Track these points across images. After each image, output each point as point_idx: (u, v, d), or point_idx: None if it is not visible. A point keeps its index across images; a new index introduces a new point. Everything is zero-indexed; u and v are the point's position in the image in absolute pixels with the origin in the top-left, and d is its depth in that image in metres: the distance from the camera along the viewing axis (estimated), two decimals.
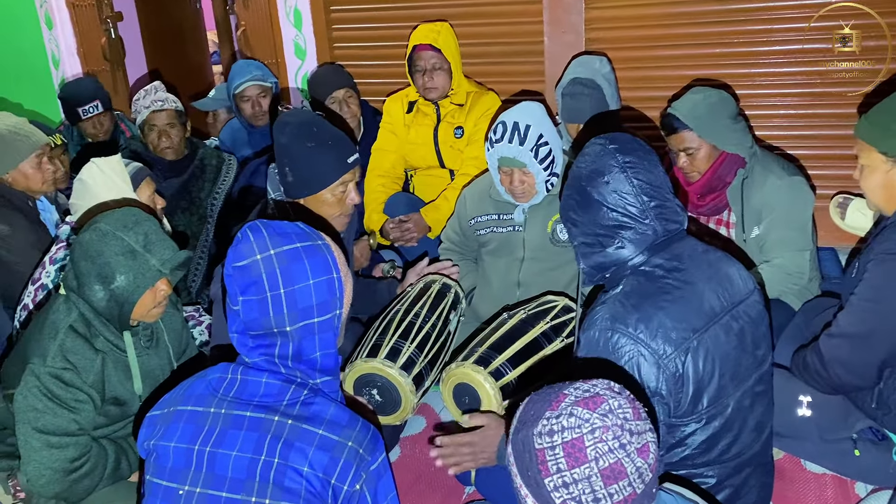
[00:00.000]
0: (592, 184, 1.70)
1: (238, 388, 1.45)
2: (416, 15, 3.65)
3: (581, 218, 1.73)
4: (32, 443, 1.90)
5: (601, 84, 2.86)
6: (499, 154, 2.43)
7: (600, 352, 1.63)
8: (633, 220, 1.68)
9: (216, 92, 4.01)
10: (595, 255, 1.73)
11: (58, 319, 1.95)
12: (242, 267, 1.42)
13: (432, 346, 2.20)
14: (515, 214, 2.55)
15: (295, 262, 1.42)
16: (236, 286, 1.43)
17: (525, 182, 2.45)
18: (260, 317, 1.42)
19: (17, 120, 2.87)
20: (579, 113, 2.87)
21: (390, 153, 3.37)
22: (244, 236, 1.44)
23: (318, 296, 1.43)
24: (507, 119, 2.41)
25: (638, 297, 1.65)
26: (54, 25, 4.53)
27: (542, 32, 3.50)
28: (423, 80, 3.18)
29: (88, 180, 2.39)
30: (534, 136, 2.37)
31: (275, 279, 1.41)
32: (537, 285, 2.57)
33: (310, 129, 2.15)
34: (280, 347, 1.43)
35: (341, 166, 2.17)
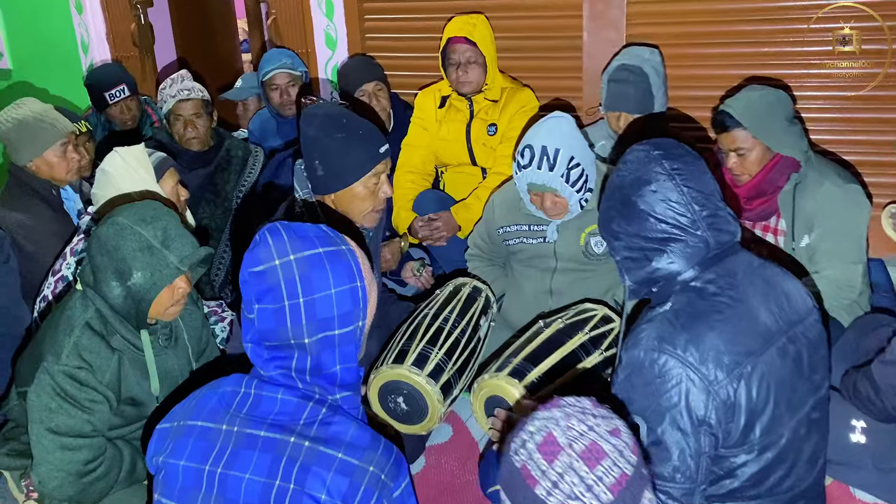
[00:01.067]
0: (637, 193, 1.59)
1: (252, 403, 1.35)
2: (450, 6, 3.54)
3: (625, 230, 1.62)
4: (45, 444, 1.82)
5: (648, 73, 2.76)
6: (528, 180, 2.31)
7: (645, 374, 1.52)
8: (683, 232, 1.56)
9: (243, 81, 3.93)
10: (640, 270, 1.62)
11: (73, 316, 1.87)
12: (259, 273, 1.32)
13: (461, 353, 2.10)
14: (548, 232, 2.43)
15: (316, 268, 1.32)
16: (252, 293, 1.33)
17: (558, 203, 2.34)
18: (276, 327, 1.32)
19: (42, 106, 2.82)
20: (623, 99, 2.77)
21: (420, 149, 3.27)
22: (262, 239, 1.34)
23: (339, 306, 1.33)
24: (534, 143, 2.28)
25: (688, 317, 1.53)
26: (84, 10, 4.48)
27: (582, 27, 3.37)
28: (456, 74, 3.07)
29: (110, 170, 2.32)
30: (564, 160, 2.25)
31: (294, 287, 1.30)
32: (571, 294, 2.46)
33: (339, 120, 2.06)
34: (297, 360, 1.33)
35: (373, 156, 2.08)
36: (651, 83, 2.76)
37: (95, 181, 2.38)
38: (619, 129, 2.83)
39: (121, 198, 2.19)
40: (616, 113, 2.81)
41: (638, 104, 2.77)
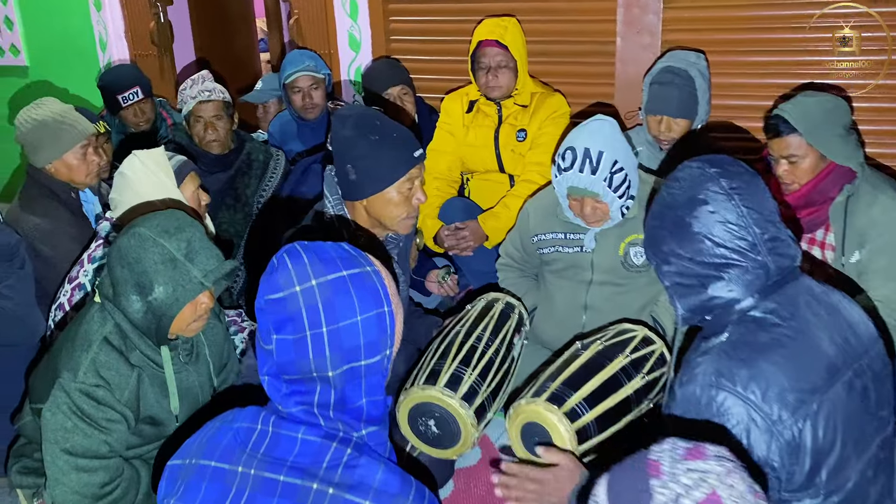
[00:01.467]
0: (692, 213, 1.48)
1: (270, 443, 1.22)
2: (479, 9, 3.45)
3: (677, 253, 1.51)
4: (60, 465, 1.74)
5: (694, 76, 2.66)
6: (569, 183, 2.20)
7: (701, 412, 1.41)
8: (742, 257, 1.46)
9: (263, 83, 3.84)
10: (694, 297, 1.51)
11: (91, 330, 1.78)
12: (278, 300, 1.19)
13: (495, 375, 2.00)
14: (586, 240, 2.33)
15: (340, 294, 1.19)
16: (270, 322, 1.21)
17: (598, 209, 2.24)
18: (297, 359, 1.19)
19: (63, 107, 2.74)
20: (666, 102, 2.67)
21: (447, 155, 3.17)
22: (281, 263, 1.22)
23: (366, 335, 1.21)
24: (576, 145, 2.17)
25: (748, 350, 1.42)
26: (103, 7, 4.41)
27: (615, 32, 3.27)
28: (486, 78, 2.97)
29: (129, 174, 2.23)
30: (607, 164, 2.14)
31: (316, 315, 1.18)
32: (606, 310, 2.35)
33: (372, 122, 1.98)
34: (320, 395, 1.21)
35: (408, 160, 1.99)
36: (696, 87, 2.67)
37: (114, 185, 2.29)
38: (659, 134, 2.73)
39: (143, 205, 2.10)
40: (658, 117, 2.71)
41: (681, 108, 2.67)
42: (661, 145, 2.76)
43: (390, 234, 2.10)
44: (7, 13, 4.71)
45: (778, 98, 2.65)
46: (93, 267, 2.28)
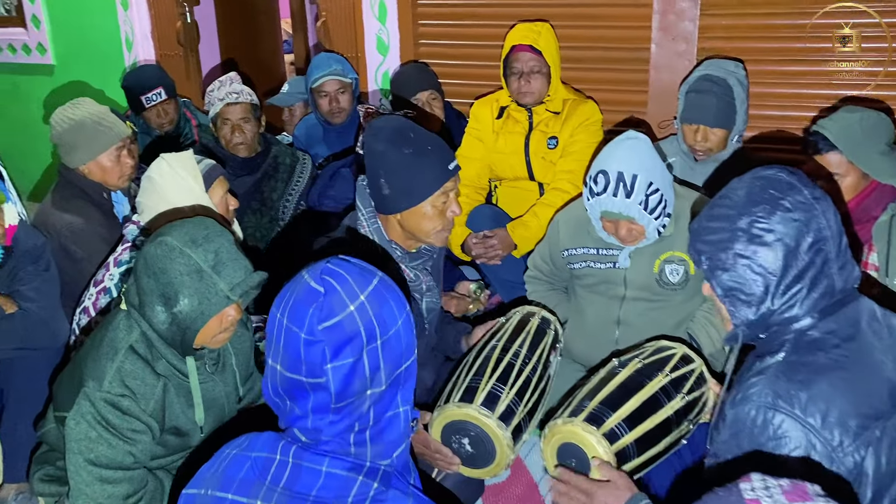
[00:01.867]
0: (770, 219, 1.40)
1: (290, 475, 1.16)
2: (510, 13, 3.39)
3: (741, 260, 1.42)
4: (83, 475, 1.70)
5: (733, 85, 2.59)
6: (602, 207, 2.13)
7: (756, 435, 1.34)
8: (813, 272, 1.39)
9: (290, 86, 3.80)
10: (751, 310, 1.44)
11: (117, 338, 1.74)
12: (335, 325, 1.14)
13: (532, 393, 1.93)
14: (620, 258, 2.26)
15: (383, 303, 1.20)
16: (322, 352, 1.15)
17: (633, 230, 2.17)
18: (354, 381, 1.15)
19: (100, 108, 2.73)
20: (703, 111, 2.60)
21: (475, 161, 3.11)
22: (328, 287, 1.17)
23: (406, 337, 1.22)
24: (608, 168, 2.09)
25: (808, 372, 1.35)
26: (130, 6, 4.39)
27: (650, 39, 3.20)
28: (518, 84, 2.91)
29: (157, 178, 2.19)
30: (642, 187, 2.06)
31: (372, 330, 1.16)
32: (640, 325, 2.28)
33: (406, 134, 1.92)
34: (361, 418, 1.17)
35: (443, 173, 1.94)
36: (735, 96, 2.59)
37: (141, 189, 2.25)
38: (695, 144, 2.66)
39: (172, 212, 2.05)
40: (694, 126, 2.64)
41: (719, 117, 2.60)
42: (696, 155, 2.69)
43: (424, 246, 2.05)
44: (35, 11, 4.71)
45: (819, 112, 2.57)
46: (119, 271, 2.24)
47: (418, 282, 2.07)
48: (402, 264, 2.03)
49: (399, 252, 2.01)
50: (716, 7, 3.08)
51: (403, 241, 2.01)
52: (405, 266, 2.03)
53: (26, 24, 4.77)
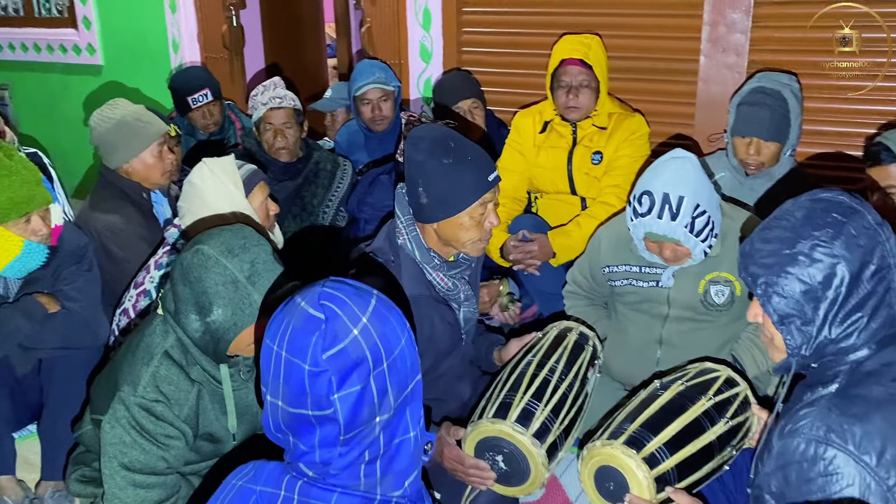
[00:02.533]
0: (833, 243, 1.34)
1: None
2: (556, 22, 3.36)
3: (800, 286, 1.35)
4: (117, 479, 1.70)
5: (787, 98, 2.51)
6: (646, 229, 2.07)
7: (805, 469, 1.28)
8: (876, 300, 1.33)
9: (333, 91, 3.81)
10: (806, 337, 1.38)
11: (153, 343, 1.74)
12: (339, 352, 1.09)
13: (569, 411, 1.88)
14: (664, 278, 2.21)
15: (385, 323, 1.15)
16: (328, 382, 1.09)
17: (678, 251, 2.11)
18: (364, 409, 1.10)
19: (137, 107, 2.76)
20: (755, 124, 2.52)
21: (514, 174, 3.06)
22: (328, 312, 1.11)
23: (410, 355, 1.17)
24: (653, 189, 2.03)
25: (863, 405, 1.29)
26: (177, 9, 4.44)
27: (699, 50, 3.13)
28: (566, 98, 2.85)
29: (198, 182, 2.20)
30: (689, 209, 2.00)
31: (378, 352, 1.11)
32: (683, 345, 2.23)
33: (446, 144, 1.89)
34: (371, 446, 1.12)
35: (481, 185, 1.91)
36: (790, 109, 2.51)
37: (182, 194, 2.26)
38: (747, 158, 2.57)
39: (212, 218, 2.05)
40: (747, 139, 2.55)
41: (773, 130, 2.51)
42: (747, 170, 2.60)
43: (462, 255, 2.02)
44: (86, 13, 4.79)
45: (878, 129, 2.48)
46: (158, 274, 2.25)
47: (456, 291, 2.04)
48: (440, 273, 2.00)
49: (437, 260, 1.99)
50: (769, 19, 3.00)
51: (440, 249, 1.99)
52: (443, 275, 2.01)
53: (77, 26, 4.86)
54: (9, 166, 2.12)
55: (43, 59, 5.10)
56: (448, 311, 2.05)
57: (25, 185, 2.15)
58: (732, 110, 2.60)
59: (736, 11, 3.02)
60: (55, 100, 5.12)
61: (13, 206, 2.13)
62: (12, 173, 2.12)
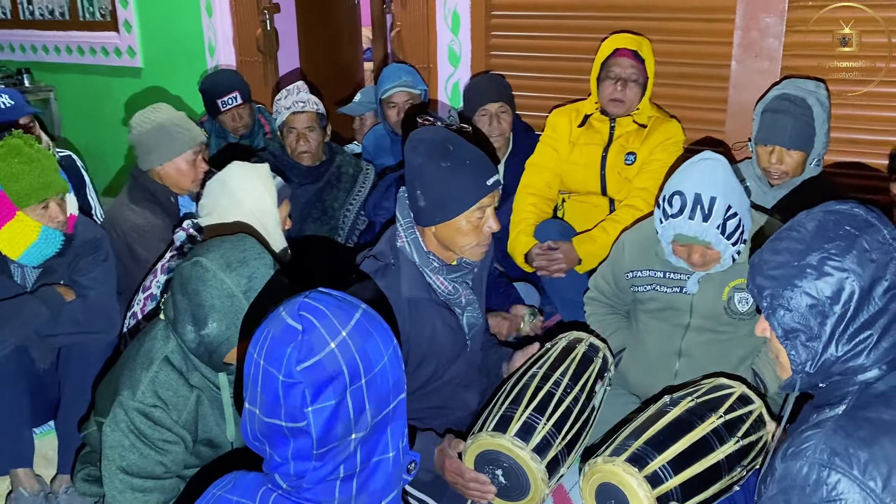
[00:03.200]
0: (844, 258, 1.28)
1: None
2: (584, 26, 3.32)
3: (808, 300, 1.30)
4: (115, 483, 1.71)
5: (812, 105, 2.42)
6: (676, 230, 2.01)
7: (807, 494, 1.22)
8: (886, 318, 1.26)
9: (362, 96, 3.81)
10: (813, 355, 1.31)
11: (154, 348, 1.74)
12: (314, 365, 1.07)
13: (572, 426, 1.84)
14: (689, 284, 2.14)
15: (367, 338, 1.12)
16: (302, 394, 1.07)
17: (707, 255, 2.04)
18: (338, 425, 1.08)
19: (178, 113, 2.80)
20: (779, 131, 2.44)
21: (546, 170, 3.02)
22: (306, 324, 1.09)
23: (393, 373, 1.14)
24: (685, 190, 1.97)
25: (870, 429, 1.23)
26: (214, 13, 4.50)
27: (731, 55, 3.05)
28: (612, 89, 2.80)
29: (230, 181, 2.22)
30: (720, 210, 1.94)
31: (356, 368, 1.09)
32: (702, 358, 2.16)
33: (444, 147, 1.87)
34: (347, 462, 1.10)
35: (479, 190, 1.87)
36: (815, 117, 2.42)
37: (208, 191, 2.27)
38: (769, 167, 2.49)
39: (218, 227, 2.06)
40: (769, 147, 2.47)
41: (796, 138, 2.43)
42: (770, 179, 2.51)
43: (464, 259, 1.99)
44: (127, 16, 4.89)
45: None
46: (164, 278, 2.27)
47: (457, 295, 2.01)
48: (440, 276, 1.98)
49: (437, 264, 1.96)
50: (803, 23, 2.91)
51: (441, 252, 1.96)
52: (443, 278, 1.98)
53: (118, 29, 4.96)
54: (29, 154, 2.19)
55: (86, 61, 5.22)
56: (450, 316, 2.02)
57: (45, 172, 2.21)
58: (756, 118, 2.52)
59: (769, 15, 2.93)
60: (97, 101, 5.23)
61: (32, 192, 2.20)
62: (32, 161, 2.19)
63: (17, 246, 2.24)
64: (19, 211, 2.21)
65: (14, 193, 2.19)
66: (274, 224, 2.26)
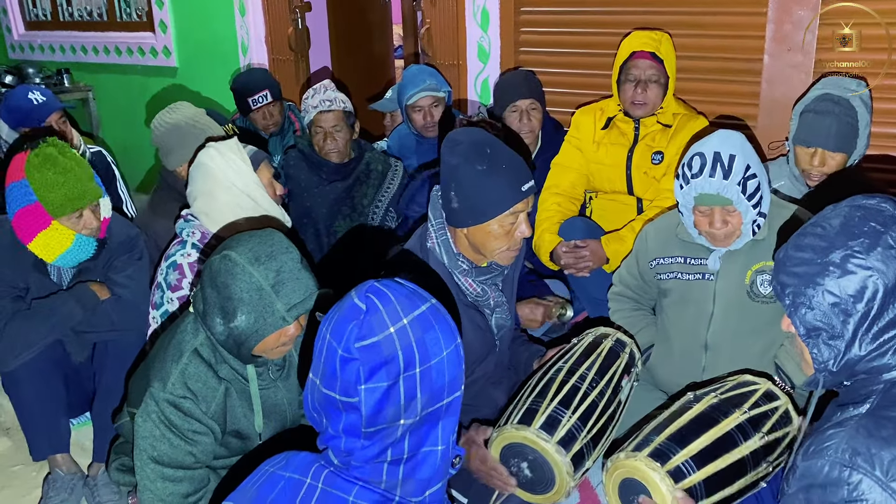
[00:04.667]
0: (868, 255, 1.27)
1: (318, 501, 1.14)
2: (614, 21, 3.29)
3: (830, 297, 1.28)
4: (147, 472, 1.75)
5: (857, 106, 2.37)
6: (698, 190, 2.01)
7: (828, 493, 1.22)
8: None
9: (393, 92, 3.82)
10: (836, 354, 1.31)
11: (183, 340, 1.78)
12: (372, 345, 1.12)
13: (598, 419, 1.84)
14: (710, 261, 2.13)
15: (428, 330, 1.15)
16: (358, 371, 1.12)
17: (729, 223, 2.03)
18: (387, 407, 1.12)
19: (195, 111, 2.84)
20: (821, 133, 2.39)
21: (572, 171, 3.01)
22: (370, 305, 1.14)
23: (450, 370, 1.17)
24: (704, 150, 2.00)
25: (894, 429, 1.22)
26: (246, 12, 4.56)
27: (763, 49, 3.00)
28: (633, 92, 2.79)
29: (208, 161, 2.26)
30: (740, 168, 1.95)
31: (411, 356, 1.12)
32: (729, 351, 2.14)
33: (482, 149, 1.86)
34: (395, 447, 1.14)
35: (514, 195, 1.87)
36: (859, 119, 2.37)
37: (191, 178, 2.32)
38: (811, 168, 2.45)
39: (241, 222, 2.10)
40: (811, 149, 2.43)
41: (840, 140, 2.38)
42: (808, 181, 2.47)
43: (493, 262, 2.00)
44: (162, 17, 4.98)
45: None
46: (165, 265, 2.32)
47: (485, 297, 2.02)
48: (469, 278, 1.99)
49: (466, 265, 1.97)
50: (837, 16, 2.86)
51: (471, 254, 1.97)
52: (472, 280, 1.99)
53: (154, 29, 5.06)
54: (63, 164, 2.23)
55: (123, 61, 5.33)
56: (479, 317, 2.03)
57: (79, 182, 2.25)
58: (795, 118, 2.47)
59: (803, 8, 2.89)
60: (134, 100, 5.34)
61: (68, 202, 2.24)
62: (67, 171, 2.22)
63: (52, 251, 2.29)
64: (54, 220, 2.25)
65: (49, 203, 2.22)
66: (261, 191, 2.31)
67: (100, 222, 2.37)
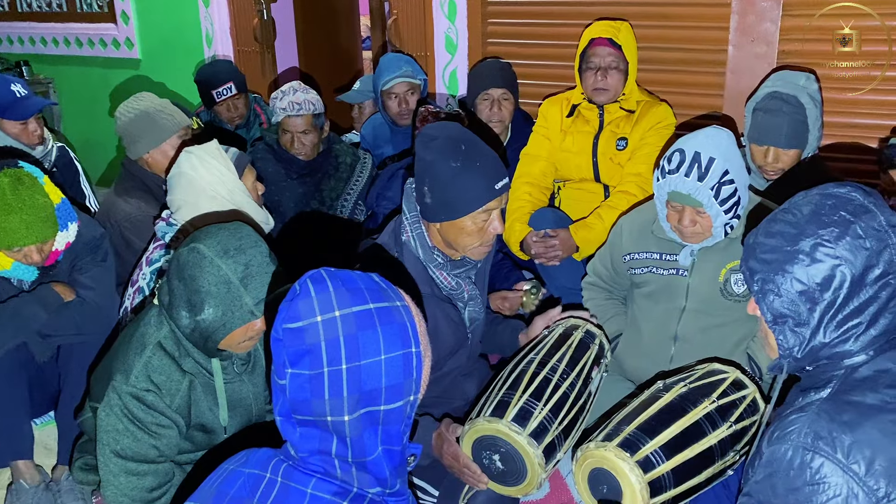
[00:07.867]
0: (838, 243, 1.27)
1: (277, 495, 1.11)
2: (581, 12, 3.31)
3: (797, 285, 1.29)
4: (111, 467, 1.73)
5: (805, 103, 2.40)
6: (671, 187, 2.01)
7: (792, 477, 1.23)
8: (877, 305, 1.26)
9: (361, 84, 3.80)
10: (801, 340, 1.32)
11: (147, 333, 1.76)
12: (296, 330, 1.07)
13: (569, 411, 1.84)
14: (681, 256, 2.14)
15: (365, 329, 1.08)
16: (285, 353, 1.09)
17: (698, 223, 2.05)
18: (311, 398, 1.08)
19: (161, 100, 2.80)
20: (771, 132, 2.43)
21: (541, 160, 3.02)
22: (304, 290, 1.10)
23: (389, 377, 1.09)
24: (686, 147, 1.99)
25: (854, 413, 1.23)
26: (210, 3, 4.50)
27: (727, 40, 3.04)
28: (594, 79, 2.80)
29: (189, 171, 2.20)
30: (717, 172, 1.95)
31: (336, 350, 1.06)
32: (698, 343, 2.16)
33: (457, 146, 1.85)
34: (337, 445, 1.10)
35: (487, 192, 1.86)
36: (808, 115, 2.40)
37: (171, 186, 2.26)
38: (765, 164, 2.48)
39: (212, 215, 2.06)
40: (764, 147, 2.47)
41: (791, 138, 2.42)
42: (765, 175, 2.51)
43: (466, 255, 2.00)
44: (124, 8, 4.89)
45: None
46: (149, 270, 2.27)
47: (460, 290, 2.02)
48: (444, 272, 1.98)
49: (440, 259, 1.97)
50: (799, 7, 2.90)
51: (445, 248, 1.97)
52: (446, 273, 1.98)
53: (116, 20, 4.96)
54: (9, 203, 2.11)
55: (84, 53, 5.22)
56: (453, 310, 2.03)
57: (22, 224, 2.12)
58: (748, 116, 2.50)
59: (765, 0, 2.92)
60: (96, 93, 5.24)
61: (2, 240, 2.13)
62: (11, 211, 2.10)
63: None
64: None
65: None
66: (245, 197, 2.27)
67: (45, 256, 2.26)
